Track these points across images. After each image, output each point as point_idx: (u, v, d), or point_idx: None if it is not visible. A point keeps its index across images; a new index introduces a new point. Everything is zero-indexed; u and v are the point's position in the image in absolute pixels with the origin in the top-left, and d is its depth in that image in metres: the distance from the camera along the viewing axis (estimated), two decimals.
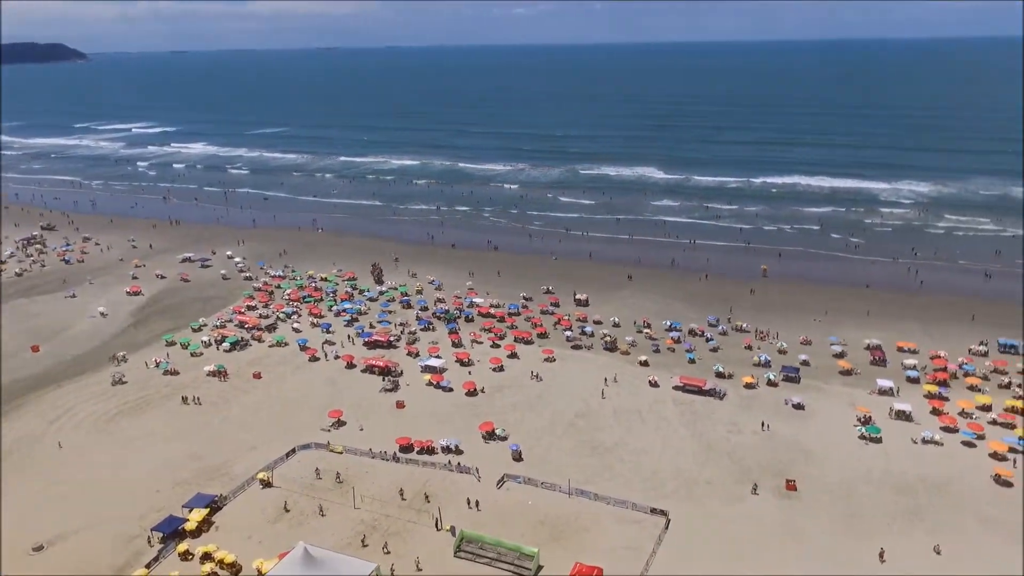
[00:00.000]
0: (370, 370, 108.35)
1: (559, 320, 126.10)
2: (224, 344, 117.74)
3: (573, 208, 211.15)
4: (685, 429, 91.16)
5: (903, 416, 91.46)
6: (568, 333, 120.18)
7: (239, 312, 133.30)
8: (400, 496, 78.79)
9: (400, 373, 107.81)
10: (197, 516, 74.35)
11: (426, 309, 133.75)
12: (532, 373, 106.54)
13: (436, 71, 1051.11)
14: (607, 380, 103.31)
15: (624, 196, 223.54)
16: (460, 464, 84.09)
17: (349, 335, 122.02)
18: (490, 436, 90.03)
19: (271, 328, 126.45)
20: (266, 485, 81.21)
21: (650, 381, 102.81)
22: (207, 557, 70.02)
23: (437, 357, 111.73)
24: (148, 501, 79.05)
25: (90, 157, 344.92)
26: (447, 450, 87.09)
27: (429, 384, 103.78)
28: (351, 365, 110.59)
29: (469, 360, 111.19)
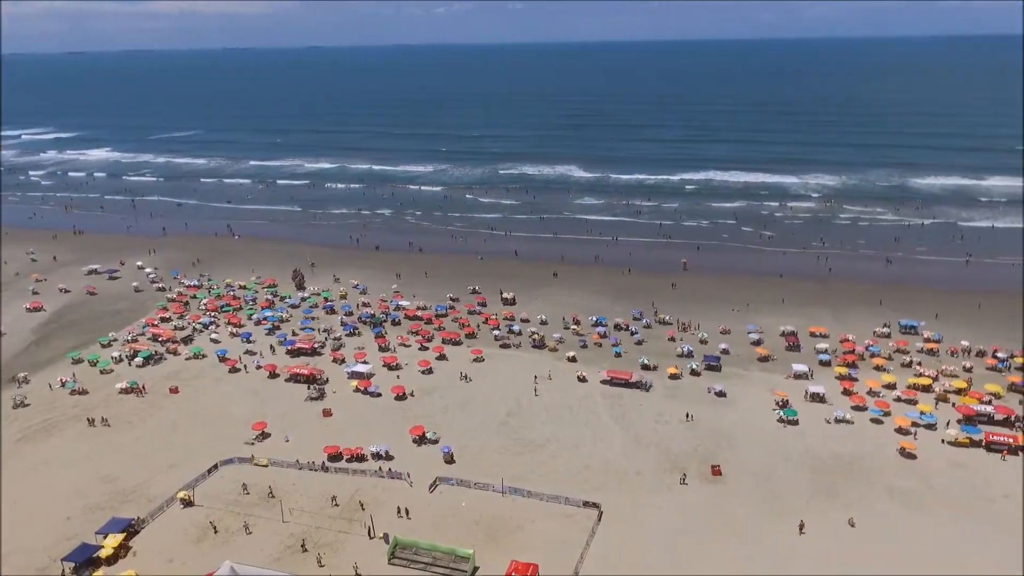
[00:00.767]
0: (294, 379, 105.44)
1: (487, 319, 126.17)
2: (137, 359, 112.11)
3: (496, 208, 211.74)
4: (614, 422, 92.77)
5: (817, 398, 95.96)
6: (496, 332, 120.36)
7: (152, 325, 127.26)
8: (332, 504, 77.01)
9: (326, 380, 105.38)
10: (112, 542, 70.44)
11: (351, 314, 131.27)
12: (461, 374, 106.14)
13: (353, 72, 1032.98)
14: (537, 378, 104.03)
15: (546, 194, 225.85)
16: (391, 470, 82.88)
17: (271, 344, 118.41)
18: (421, 440, 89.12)
19: (187, 340, 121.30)
20: (187, 504, 77.78)
21: (578, 376, 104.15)
22: None
23: (364, 363, 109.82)
24: (58, 530, 74.37)
25: None
26: (377, 456, 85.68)
27: (356, 390, 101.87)
28: (274, 374, 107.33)
29: (397, 364, 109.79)
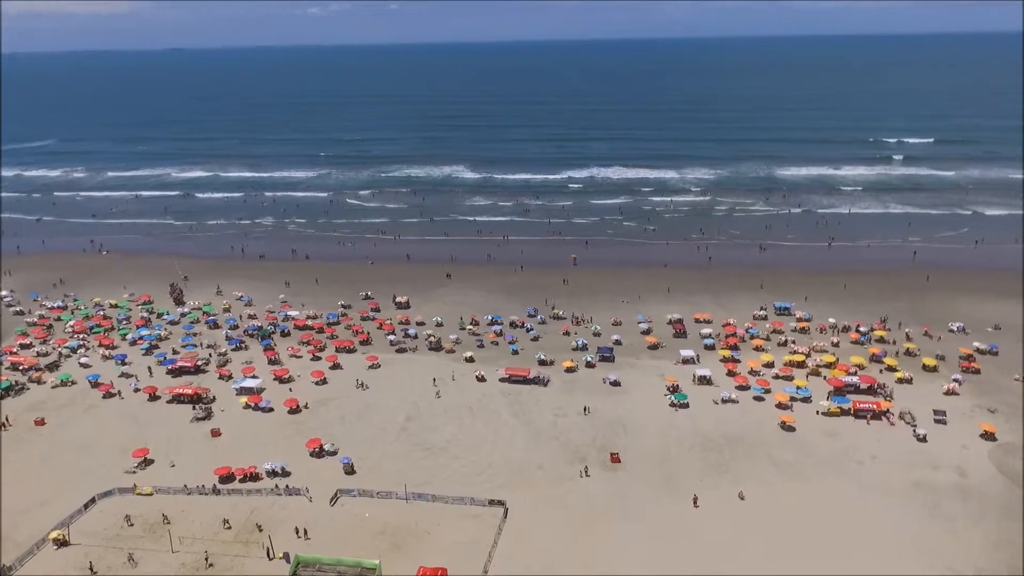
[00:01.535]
0: (177, 400, 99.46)
1: (381, 325, 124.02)
2: None
3: (384, 211, 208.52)
4: (514, 419, 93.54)
5: (704, 381, 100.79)
6: (391, 337, 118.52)
7: (10, 352, 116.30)
8: (224, 527, 73.19)
9: (212, 399, 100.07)
10: None
11: (236, 327, 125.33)
12: (358, 382, 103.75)
13: (221, 75, 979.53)
14: (436, 380, 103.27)
15: (435, 196, 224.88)
16: (288, 486, 79.82)
17: (149, 365, 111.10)
18: (319, 452, 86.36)
19: (53, 366, 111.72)
20: (61, 544, 71.59)
21: (477, 376, 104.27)
22: None
23: (253, 377, 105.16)
24: None
25: None
26: (273, 474, 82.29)
27: (247, 407, 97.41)
28: (155, 397, 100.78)
29: (289, 376, 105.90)
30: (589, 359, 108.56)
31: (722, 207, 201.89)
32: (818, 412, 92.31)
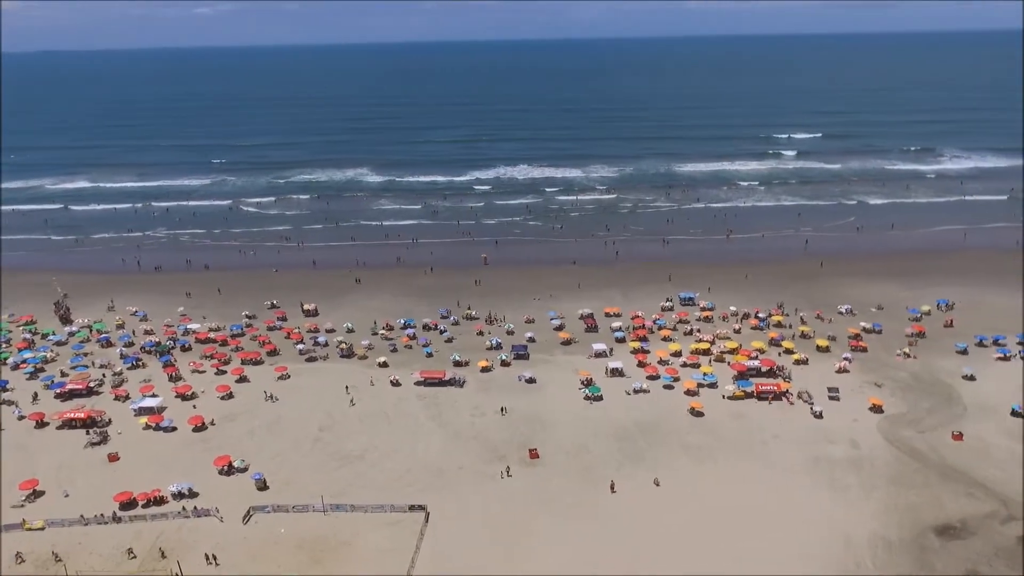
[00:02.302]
0: (69, 425, 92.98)
1: (288, 334, 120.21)
2: None
3: (287, 218, 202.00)
4: (431, 421, 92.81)
5: (617, 373, 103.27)
6: (300, 346, 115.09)
7: None
8: (128, 557, 69.00)
9: (108, 422, 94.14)
10: None
11: (131, 344, 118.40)
12: (267, 394, 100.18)
13: (101, 78, 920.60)
14: (348, 388, 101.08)
15: (339, 201, 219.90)
16: (197, 508, 76.11)
17: (35, 389, 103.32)
18: (228, 470, 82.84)
19: None
20: None
21: (391, 381, 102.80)
22: None
23: (153, 396, 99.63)
24: None
25: None
26: (179, 495, 78.28)
27: (147, 427, 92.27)
28: (42, 423, 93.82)
29: (192, 393, 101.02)
30: (504, 358, 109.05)
31: (626, 204, 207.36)
32: (724, 396, 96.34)
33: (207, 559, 68.96)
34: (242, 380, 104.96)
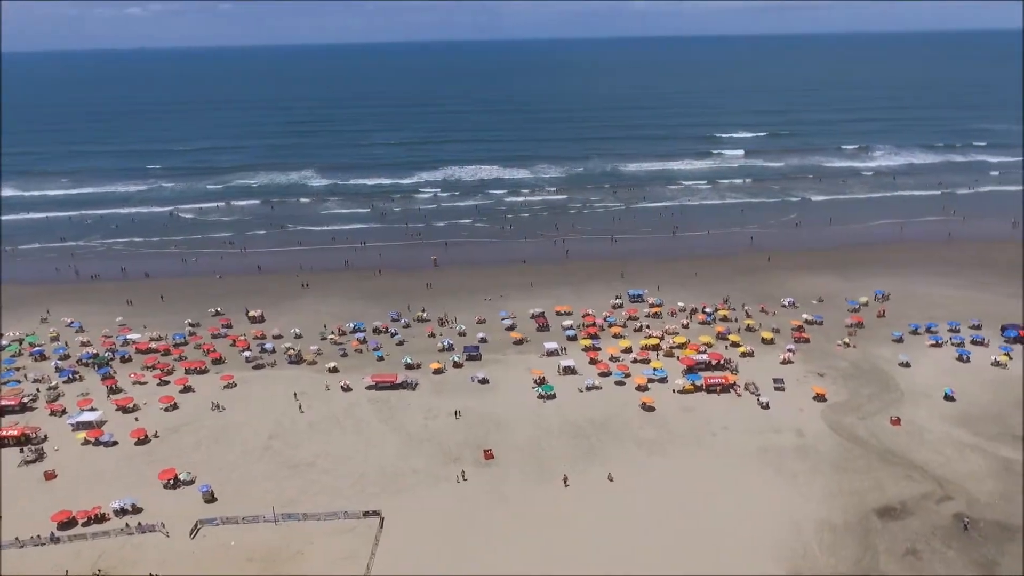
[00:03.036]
0: (1, 443, 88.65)
1: (234, 342, 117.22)
2: None
3: (229, 224, 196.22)
4: (384, 425, 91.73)
5: (569, 371, 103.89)
6: (247, 354, 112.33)
7: None
8: None
9: (43, 439, 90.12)
10: None
11: (67, 357, 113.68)
12: (213, 404, 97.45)
13: (33, 81, 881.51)
14: (297, 394, 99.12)
15: (284, 205, 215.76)
16: (141, 524, 73.48)
17: None
18: (174, 483, 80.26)
19: None
20: None
21: (342, 386, 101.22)
22: None
23: (92, 410, 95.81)
24: None
25: None
26: (122, 512, 75.45)
27: (86, 442, 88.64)
28: None
29: (134, 405, 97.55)
30: (456, 359, 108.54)
31: (575, 204, 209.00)
32: (674, 391, 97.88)
33: (153, 569, 66.65)
34: (186, 390, 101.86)
